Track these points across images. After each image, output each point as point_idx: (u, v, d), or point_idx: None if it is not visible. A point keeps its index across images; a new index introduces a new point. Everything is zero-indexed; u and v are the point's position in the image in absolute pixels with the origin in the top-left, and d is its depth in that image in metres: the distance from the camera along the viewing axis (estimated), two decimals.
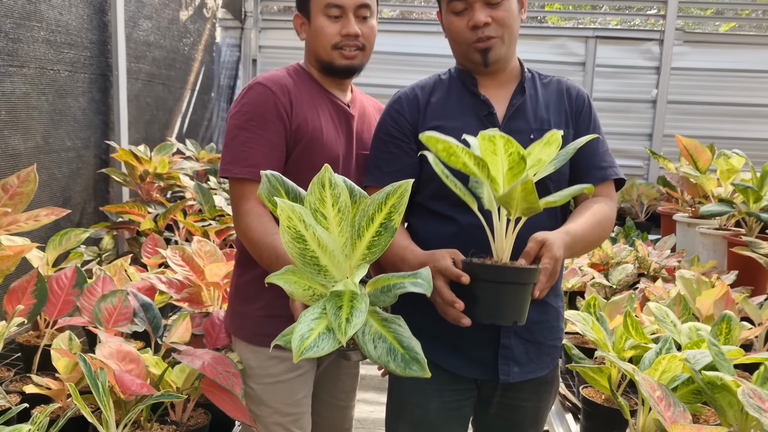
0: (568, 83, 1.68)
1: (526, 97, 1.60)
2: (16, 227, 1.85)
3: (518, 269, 1.23)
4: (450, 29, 1.59)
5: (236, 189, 1.59)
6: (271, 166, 1.54)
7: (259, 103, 1.59)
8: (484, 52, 1.54)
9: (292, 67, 1.73)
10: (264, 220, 1.52)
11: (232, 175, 1.57)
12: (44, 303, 1.86)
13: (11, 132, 2.62)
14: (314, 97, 1.67)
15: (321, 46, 1.65)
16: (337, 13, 1.62)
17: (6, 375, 1.84)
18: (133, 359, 1.52)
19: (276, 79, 1.63)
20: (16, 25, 2.61)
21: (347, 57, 1.65)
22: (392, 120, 1.62)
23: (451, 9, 1.56)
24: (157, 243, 2.52)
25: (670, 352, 1.52)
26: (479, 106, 1.59)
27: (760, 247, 2.52)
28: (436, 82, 1.67)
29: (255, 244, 1.50)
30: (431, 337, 1.59)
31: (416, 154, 1.60)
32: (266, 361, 1.66)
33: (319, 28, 1.64)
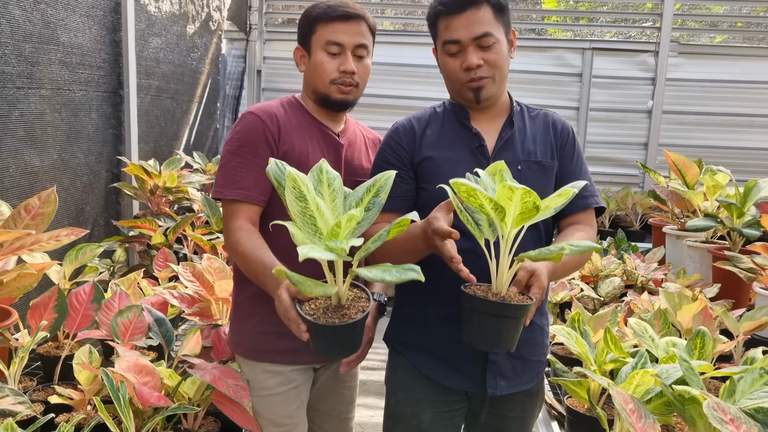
0: (554, 117, 1.80)
1: (514, 130, 1.73)
2: (38, 247, 1.98)
3: (517, 306, 1.34)
4: (445, 69, 1.72)
5: (227, 209, 1.71)
6: (259, 188, 1.68)
7: (249, 131, 1.71)
8: (476, 91, 1.67)
9: (286, 99, 1.86)
10: (253, 236, 1.64)
11: (223, 196, 1.70)
12: (65, 317, 2.00)
13: (29, 150, 2.76)
14: (303, 125, 1.79)
15: (320, 80, 1.77)
16: (336, 51, 1.74)
17: (29, 384, 1.98)
18: (149, 372, 1.65)
19: (266, 108, 1.76)
20: (34, 49, 2.75)
21: (343, 92, 1.77)
22: (391, 149, 1.75)
23: (446, 51, 1.68)
24: (168, 257, 2.66)
25: (645, 366, 1.65)
26: (471, 139, 1.72)
27: (741, 262, 2.65)
28: (431, 115, 1.80)
29: (244, 257, 1.61)
30: (427, 353, 1.74)
31: (414, 182, 1.73)
32: (260, 375, 1.78)
33: (319, 63, 1.75)
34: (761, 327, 2.25)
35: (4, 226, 2.03)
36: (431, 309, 1.74)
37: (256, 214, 1.71)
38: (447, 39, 1.66)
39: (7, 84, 2.60)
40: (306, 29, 1.80)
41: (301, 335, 1.36)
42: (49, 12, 2.84)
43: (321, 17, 1.75)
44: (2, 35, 2.55)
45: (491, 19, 1.66)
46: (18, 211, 2.05)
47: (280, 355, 1.77)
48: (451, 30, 1.65)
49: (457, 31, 1.64)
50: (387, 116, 5.76)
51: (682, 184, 3.21)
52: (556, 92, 5.73)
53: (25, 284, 2.03)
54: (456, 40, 1.65)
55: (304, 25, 1.80)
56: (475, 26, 1.64)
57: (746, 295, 2.74)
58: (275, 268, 1.25)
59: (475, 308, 1.37)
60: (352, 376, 2.01)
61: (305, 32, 1.80)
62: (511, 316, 1.35)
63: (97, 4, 3.27)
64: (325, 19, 1.74)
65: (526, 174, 1.68)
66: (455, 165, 1.69)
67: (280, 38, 5.98)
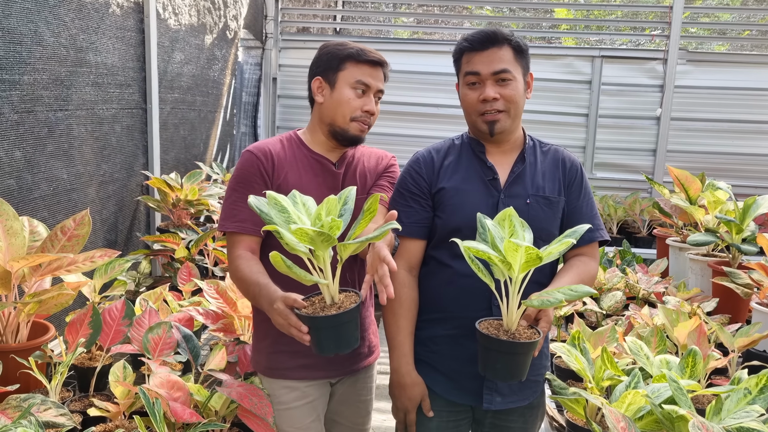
0: (564, 154, 1.94)
1: (526, 165, 1.87)
2: (75, 268, 2.14)
3: (527, 344, 1.51)
4: (464, 100, 1.87)
5: (229, 241, 1.87)
6: (255, 220, 1.81)
7: (245, 168, 1.86)
8: (490, 124, 1.82)
9: (286, 135, 1.99)
10: (251, 263, 1.78)
11: (224, 229, 1.86)
12: (99, 332, 2.15)
13: (62, 166, 2.92)
14: (299, 158, 1.92)
15: (341, 114, 1.88)
16: (363, 90, 1.88)
17: (67, 395, 2.13)
18: (180, 387, 1.80)
19: (263, 146, 1.90)
20: (69, 73, 2.91)
21: (361, 130, 1.90)
22: (411, 178, 1.90)
23: (466, 82, 1.84)
24: (191, 271, 2.81)
25: (638, 386, 1.78)
26: (485, 172, 1.86)
27: (738, 278, 2.76)
28: (450, 146, 1.95)
29: (243, 281, 1.76)
30: (431, 368, 1.89)
31: (431, 210, 1.88)
32: (278, 390, 1.93)
33: (345, 99, 1.87)
34: (754, 343, 2.36)
35: (42, 246, 2.19)
36: (437, 329, 1.89)
37: (255, 243, 1.85)
38: (468, 71, 1.82)
39: (44, 107, 2.76)
40: (333, 64, 1.88)
41: (303, 338, 1.51)
42: (81, 37, 2.99)
43: (353, 57, 1.86)
44: (38, 61, 2.70)
45: (511, 58, 1.81)
46: (55, 233, 2.21)
47: (294, 371, 1.91)
48: (473, 63, 1.81)
49: (478, 65, 1.80)
50: (397, 123, 5.92)
51: (684, 199, 3.31)
52: (566, 99, 5.83)
53: (62, 301, 2.20)
54: (476, 72, 1.80)
55: (331, 60, 1.89)
56: (495, 63, 1.79)
57: (744, 310, 2.85)
58: (271, 253, 1.43)
59: (489, 347, 1.53)
60: (368, 390, 2.14)
61: (331, 66, 1.89)
62: (522, 353, 1.51)
63: (124, 24, 3.42)
64: (357, 59, 1.86)
65: (534, 208, 1.83)
66: (468, 196, 1.84)
67: (295, 46, 6.12)
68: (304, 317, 1.50)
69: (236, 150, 5.66)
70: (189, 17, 4.34)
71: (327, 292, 1.54)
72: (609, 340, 2.31)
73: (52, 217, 2.89)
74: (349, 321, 1.51)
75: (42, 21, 2.73)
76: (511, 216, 1.59)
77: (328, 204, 1.53)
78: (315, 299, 1.58)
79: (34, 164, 2.75)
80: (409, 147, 5.95)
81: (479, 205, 1.82)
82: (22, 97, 2.64)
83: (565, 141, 5.85)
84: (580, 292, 1.47)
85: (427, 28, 7.15)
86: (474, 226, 1.80)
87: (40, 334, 2.22)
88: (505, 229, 1.57)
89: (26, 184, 2.70)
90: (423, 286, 1.93)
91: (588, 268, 1.80)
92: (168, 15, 4.01)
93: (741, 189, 5.45)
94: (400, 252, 1.89)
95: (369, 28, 6.86)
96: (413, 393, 1.87)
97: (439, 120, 5.91)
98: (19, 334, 2.16)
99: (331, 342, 1.51)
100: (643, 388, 1.79)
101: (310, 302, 1.57)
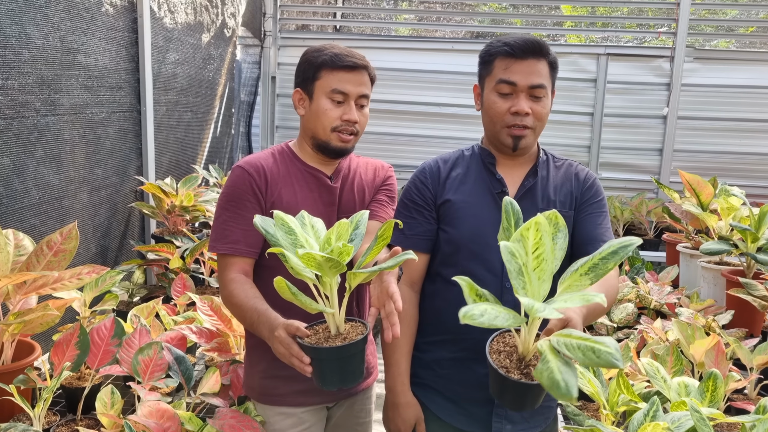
0: (578, 168, 1.83)
1: (537, 179, 1.76)
2: (61, 285, 2.03)
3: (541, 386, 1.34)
4: (491, 108, 1.73)
5: (221, 263, 1.76)
6: (248, 241, 1.73)
7: (236, 185, 1.75)
8: (516, 139, 1.70)
9: (278, 148, 1.87)
10: (245, 286, 1.68)
11: (215, 251, 1.76)
12: (86, 353, 2.04)
13: (51, 172, 2.81)
14: (293, 173, 1.81)
15: (321, 127, 1.77)
16: (340, 99, 1.75)
17: (53, 419, 2.02)
18: (170, 417, 1.69)
19: (254, 161, 1.78)
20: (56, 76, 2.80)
21: (343, 140, 1.77)
22: (416, 189, 1.80)
23: (497, 90, 1.70)
24: (186, 283, 2.70)
25: (657, 416, 1.67)
26: (494, 184, 1.75)
27: (755, 289, 2.65)
28: (458, 157, 1.84)
29: (238, 307, 1.65)
30: (437, 394, 1.79)
31: (436, 222, 1.77)
32: (274, 417, 1.83)
33: (322, 110, 1.75)
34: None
35: (27, 262, 2.08)
36: (443, 351, 1.79)
37: (248, 265, 1.75)
38: (504, 78, 1.68)
39: (33, 111, 2.65)
40: (309, 73, 1.78)
41: (305, 369, 1.39)
42: (71, 38, 2.88)
43: (327, 64, 1.75)
44: (26, 64, 2.59)
45: (547, 74, 1.71)
46: (40, 248, 2.10)
47: (289, 397, 1.82)
48: (510, 72, 1.68)
49: (516, 75, 1.67)
50: (398, 122, 5.82)
51: (696, 204, 3.20)
52: (571, 98, 5.71)
53: (48, 320, 2.09)
54: (513, 82, 1.67)
55: (307, 69, 1.79)
56: (534, 76, 1.68)
57: (760, 322, 2.75)
58: (276, 278, 1.33)
59: (502, 383, 1.37)
60: (366, 412, 2.05)
61: (307, 76, 1.79)
62: (538, 390, 1.36)
63: (116, 24, 3.30)
64: (331, 66, 1.74)
65: None
66: (474, 209, 1.73)
67: (294, 44, 6.00)
68: (308, 348, 1.39)
69: (234, 150, 5.55)
70: (185, 15, 4.22)
71: (332, 322, 1.44)
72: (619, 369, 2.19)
73: (43, 224, 2.79)
74: (355, 354, 1.40)
75: (30, 22, 2.62)
76: (538, 225, 1.29)
77: (339, 228, 1.44)
78: (319, 328, 1.48)
79: (23, 171, 2.64)
80: (410, 147, 5.91)
81: (485, 219, 1.72)
82: (9, 101, 2.53)
83: (569, 140, 5.74)
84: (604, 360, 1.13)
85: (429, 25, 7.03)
86: (480, 240, 1.70)
87: (25, 353, 2.11)
88: (528, 241, 1.28)
89: (15, 191, 2.60)
90: (428, 305, 1.83)
91: (609, 280, 1.69)
92: (163, 13, 3.89)
93: (751, 189, 5.32)
94: (401, 266, 1.78)
95: (369, 25, 6.73)
96: (407, 414, 1.78)
97: (440, 119, 5.79)
98: (3, 355, 2.05)
99: (335, 375, 1.41)
100: (662, 417, 1.68)
101: (314, 331, 1.46)
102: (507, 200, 1.40)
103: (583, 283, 1.27)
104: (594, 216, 1.78)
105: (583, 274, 1.27)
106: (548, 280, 1.28)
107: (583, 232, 1.76)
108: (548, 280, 1.28)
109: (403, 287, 1.75)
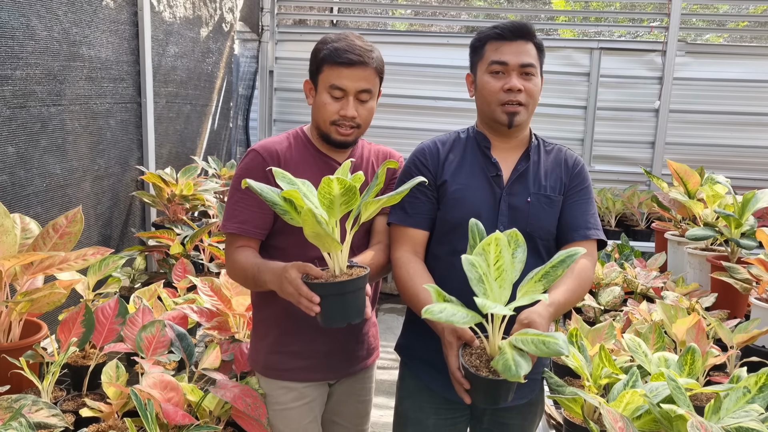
0: (567, 153, 1.92)
1: (529, 163, 1.85)
2: (67, 266, 2.11)
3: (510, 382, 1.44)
4: (484, 88, 1.81)
5: (228, 240, 1.84)
6: (256, 222, 1.79)
7: (250, 168, 1.80)
8: (511, 115, 1.78)
9: (293, 132, 1.91)
10: (247, 252, 1.77)
11: (226, 230, 1.82)
12: (92, 331, 2.13)
13: (55, 161, 2.89)
14: (306, 159, 1.85)
15: (321, 119, 1.82)
16: (339, 95, 1.77)
17: (60, 395, 2.11)
18: (174, 387, 1.78)
19: (269, 145, 1.83)
20: (61, 67, 2.87)
21: (342, 134, 1.81)
22: (417, 169, 1.86)
23: (489, 70, 1.79)
24: (186, 268, 2.78)
25: (636, 385, 1.76)
26: (489, 168, 1.83)
27: (737, 273, 2.74)
28: (455, 140, 1.91)
29: (241, 268, 1.74)
30: (429, 366, 1.87)
31: (436, 201, 1.85)
32: (276, 390, 1.91)
33: (322, 103, 1.79)
34: (753, 339, 2.35)
35: (34, 244, 2.16)
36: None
37: (255, 245, 1.82)
38: (495, 59, 1.78)
39: (37, 102, 2.73)
40: (314, 66, 1.83)
41: (313, 308, 1.48)
42: (74, 30, 2.96)
43: (327, 59, 1.77)
44: (31, 55, 2.67)
45: (535, 55, 1.81)
46: (47, 231, 2.19)
47: (293, 373, 1.89)
48: (501, 53, 1.78)
49: (506, 55, 1.77)
50: (395, 115, 5.90)
51: (683, 192, 3.29)
52: (565, 92, 5.80)
53: (54, 300, 2.17)
54: (504, 62, 1.77)
55: (313, 61, 1.83)
56: (523, 55, 1.78)
57: (743, 305, 2.83)
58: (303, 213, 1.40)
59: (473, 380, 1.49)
60: (366, 390, 2.12)
61: (313, 68, 1.84)
62: (505, 386, 1.46)
63: (117, 17, 3.38)
64: (330, 61, 1.76)
65: (535, 206, 1.81)
66: (470, 191, 1.81)
67: (291, 39, 6.08)
68: (316, 285, 1.48)
69: (232, 143, 5.63)
70: (184, 10, 4.30)
71: (336, 262, 1.53)
72: (607, 336, 2.29)
73: (46, 212, 2.87)
74: (360, 288, 1.50)
75: (34, 14, 2.70)
76: (498, 240, 1.47)
77: (343, 170, 1.54)
78: (322, 272, 1.56)
79: (27, 160, 2.72)
80: (407, 140, 5.98)
81: (481, 201, 1.80)
82: (14, 92, 2.61)
83: (563, 133, 5.82)
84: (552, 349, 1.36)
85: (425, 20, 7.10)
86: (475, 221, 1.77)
87: (32, 332, 2.20)
88: (490, 254, 1.47)
89: (19, 179, 2.68)
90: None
91: (587, 266, 1.77)
92: (162, 7, 3.97)
93: (740, 181, 5.43)
94: (404, 240, 1.83)
95: (366, 20, 6.81)
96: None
97: (437, 113, 5.88)
98: (11, 333, 2.13)
99: (340, 311, 1.50)
100: (641, 387, 1.77)
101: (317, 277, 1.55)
102: (472, 221, 1.57)
103: (538, 288, 1.49)
104: (581, 203, 1.86)
105: (537, 281, 1.50)
106: (508, 288, 1.49)
107: (570, 218, 1.85)
108: (508, 287, 1.48)
109: (408, 254, 1.81)
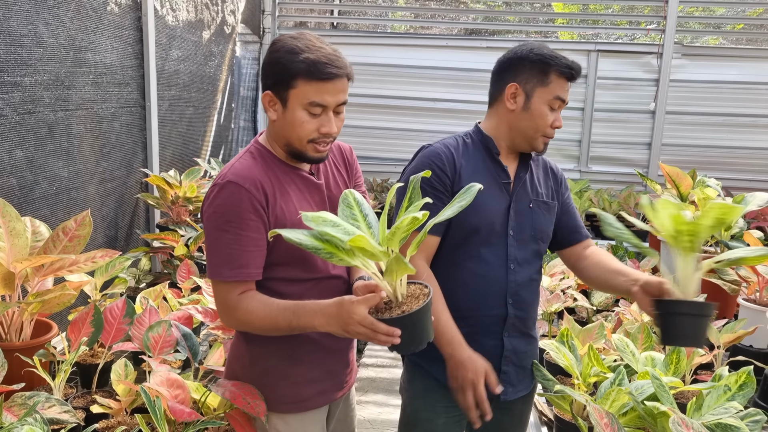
0: (550, 163, 2.07)
1: (528, 172, 1.96)
2: (77, 268, 2.20)
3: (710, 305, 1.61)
4: (540, 117, 1.86)
5: (225, 288, 1.62)
6: (256, 263, 1.62)
7: (233, 203, 1.59)
8: (546, 145, 1.92)
9: (255, 150, 1.71)
10: (261, 298, 1.60)
11: (223, 278, 1.60)
12: (101, 331, 2.21)
13: (63, 164, 2.97)
14: (283, 180, 1.69)
15: (296, 137, 1.64)
16: (318, 112, 1.61)
17: (70, 392, 2.19)
18: (180, 385, 1.86)
19: (246, 174, 1.62)
20: (69, 73, 2.96)
21: (320, 151, 1.66)
22: (436, 176, 1.87)
23: (551, 104, 1.86)
24: (190, 269, 2.86)
25: (622, 383, 1.84)
26: (501, 174, 1.92)
27: (726, 274, 2.82)
28: (462, 145, 1.95)
29: (265, 317, 1.58)
30: (442, 363, 1.89)
31: None
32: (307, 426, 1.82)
33: (299, 121, 1.61)
34: (740, 338, 2.43)
35: (44, 247, 2.24)
36: None
37: (254, 286, 1.65)
38: (560, 96, 1.86)
39: (45, 107, 2.81)
40: (283, 78, 1.60)
41: (393, 341, 1.44)
42: (80, 36, 3.04)
43: (302, 74, 1.57)
44: (38, 62, 2.75)
45: None
46: (57, 234, 2.27)
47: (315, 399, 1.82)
48: (565, 92, 1.88)
49: (566, 95, 1.89)
50: (394, 117, 5.97)
51: (676, 195, 3.37)
52: None
53: (65, 300, 2.26)
54: (564, 101, 1.88)
55: (280, 73, 1.60)
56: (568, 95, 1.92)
57: (732, 306, 2.91)
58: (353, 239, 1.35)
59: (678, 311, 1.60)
60: (353, 398, 2.06)
61: (281, 81, 1.60)
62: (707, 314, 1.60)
63: (122, 22, 3.46)
64: (307, 77, 1.57)
65: (536, 212, 1.93)
66: (486, 197, 1.85)
67: None
68: (395, 320, 1.43)
69: (234, 144, 5.71)
70: (186, 13, 4.38)
71: (399, 287, 1.49)
72: (597, 336, 2.37)
73: (53, 215, 2.95)
74: (429, 310, 1.50)
75: (41, 22, 2.77)
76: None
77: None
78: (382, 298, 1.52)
79: (35, 163, 2.80)
80: (405, 141, 6.07)
81: (496, 206, 1.88)
82: (23, 98, 2.69)
83: (560, 135, 5.82)
84: None
85: (424, 22, 7.17)
86: (491, 228, 1.87)
87: (43, 332, 2.28)
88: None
89: (28, 182, 2.76)
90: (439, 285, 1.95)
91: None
92: (166, 12, 4.04)
93: (735, 182, 5.51)
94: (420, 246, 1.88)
95: (366, 22, 6.89)
96: (478, 363, 1.80)
97: (435, 114, 5.95)
98: (23, 333, 2.22)
99: (418, 336, 1.48)
100: (627, 385, 1.85)
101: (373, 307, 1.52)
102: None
103: None
104: (572, 208, 2.07)
105: None
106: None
107: (569, 222, 2.03)
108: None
109: (423, 263, 1.86)
